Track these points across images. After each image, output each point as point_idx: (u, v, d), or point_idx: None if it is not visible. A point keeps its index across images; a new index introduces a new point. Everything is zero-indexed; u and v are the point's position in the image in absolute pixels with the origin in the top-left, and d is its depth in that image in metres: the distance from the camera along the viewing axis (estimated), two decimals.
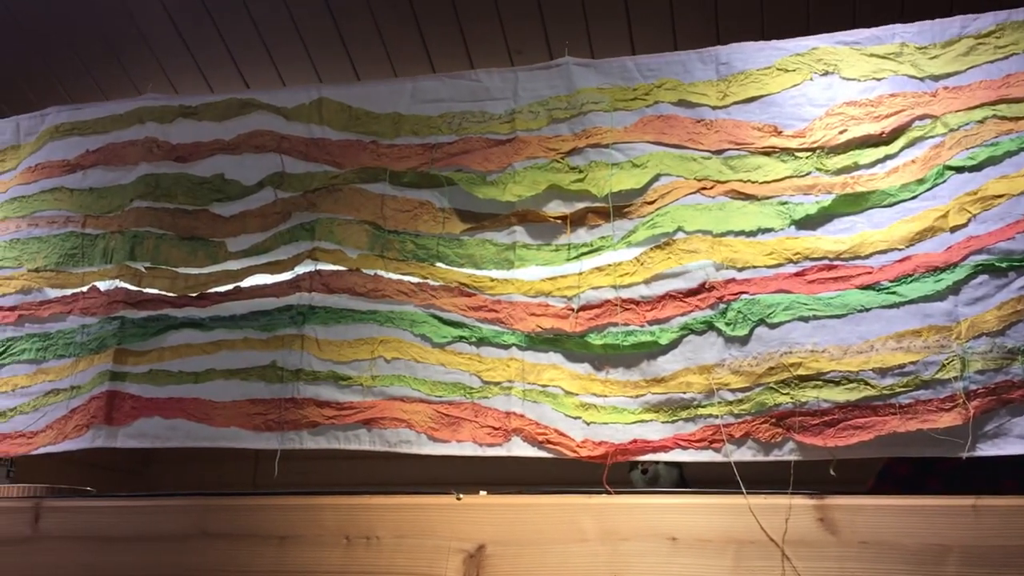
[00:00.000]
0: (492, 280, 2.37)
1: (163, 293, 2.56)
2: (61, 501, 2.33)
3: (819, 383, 2.06)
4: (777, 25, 2.57)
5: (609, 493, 2.11)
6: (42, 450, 2.51)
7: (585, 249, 2.33)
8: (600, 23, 3.79)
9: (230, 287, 2.54)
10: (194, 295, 2.55)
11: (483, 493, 2.20)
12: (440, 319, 2.38)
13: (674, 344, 2.20)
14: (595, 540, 2.04)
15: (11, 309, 2.67)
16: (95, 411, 2.45)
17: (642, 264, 2.26)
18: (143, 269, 2.59)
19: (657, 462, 2.52)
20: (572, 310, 2.29)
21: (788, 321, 2.12)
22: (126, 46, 3.99)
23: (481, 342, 2.33)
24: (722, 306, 2.17)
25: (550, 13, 3.83)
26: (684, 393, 2.16)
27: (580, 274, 2.31)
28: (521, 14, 3.83)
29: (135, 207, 2.64)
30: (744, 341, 2.14)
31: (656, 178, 2.31)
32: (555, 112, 2.45)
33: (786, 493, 1.98)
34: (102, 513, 2.29)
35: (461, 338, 2.35)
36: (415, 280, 2.42)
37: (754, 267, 2.18)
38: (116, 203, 2.67)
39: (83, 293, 2.63)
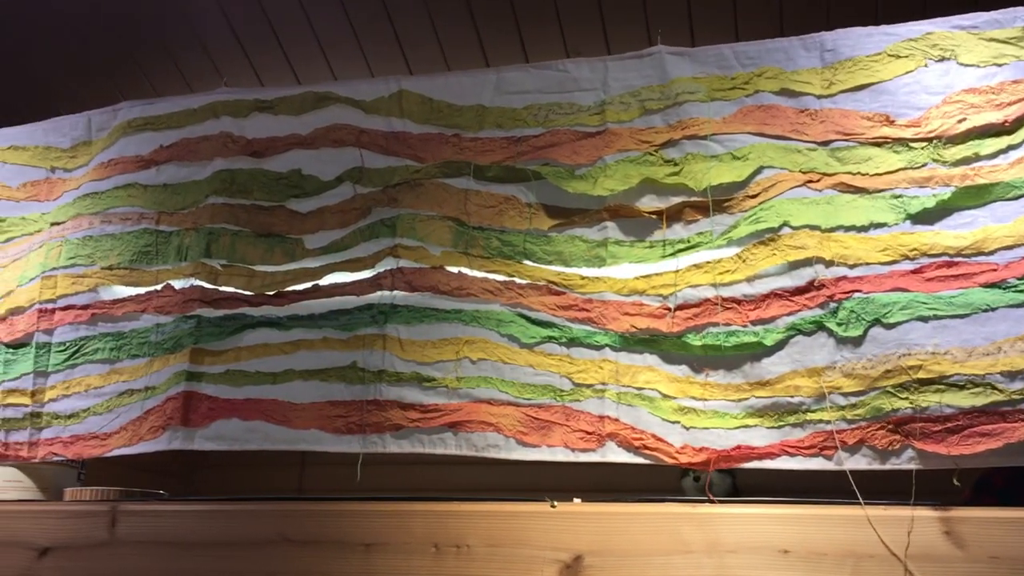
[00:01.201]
0: (582, 278, 2.27)
1: (240, 291, 2.49)
2: (138, 505, 2.26)
3: (941, 387, 1.94)
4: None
5: (711, 502, 1.99)
6: (116, 452, 2.45)
7: (682, 245, 2.22)
8: (661, 26, 3.70)
9: (308, 285, 2.46)
10: (271, 293, 2.47)
11: (577, 500, 2.10)
12: (528, 319, 2.28)
13: (780, 345, 2.08)
14: (700, 551, 1.93)
15: (84, 308, 2.60)
16: (171, 412, 2.39)
17: (744, 261, 2.15)
18: (219, 267, 2.52)
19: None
20: (669, 309, 2.18)
21: (906, 321, 2.00)
22: (183, 51, 3.96)
23: (572, 343, 2.23)
24: (833, 305, 2.05)
25: (609, 16, 3.75)
26: (791, 397, 2.04)
27: (677, 272, 2.20)
28: (579, 16, 3.75)
29: (210, 203, 2.57)
30: (858, 342, 2.02)
31: (758, 171, 2.19)
32: (648, 103, 2.34)
33: (907, 504, 1.86)
34: (181, 517, 2.21)
35: (550, 338, 2.25)
36: (501, 278, 2.32)
37: (867, 264, 2.06)
38: (191, 199, 2.61)
39: (157, 291, 2.56)
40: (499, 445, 2.20)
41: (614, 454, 2.13)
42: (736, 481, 2.54)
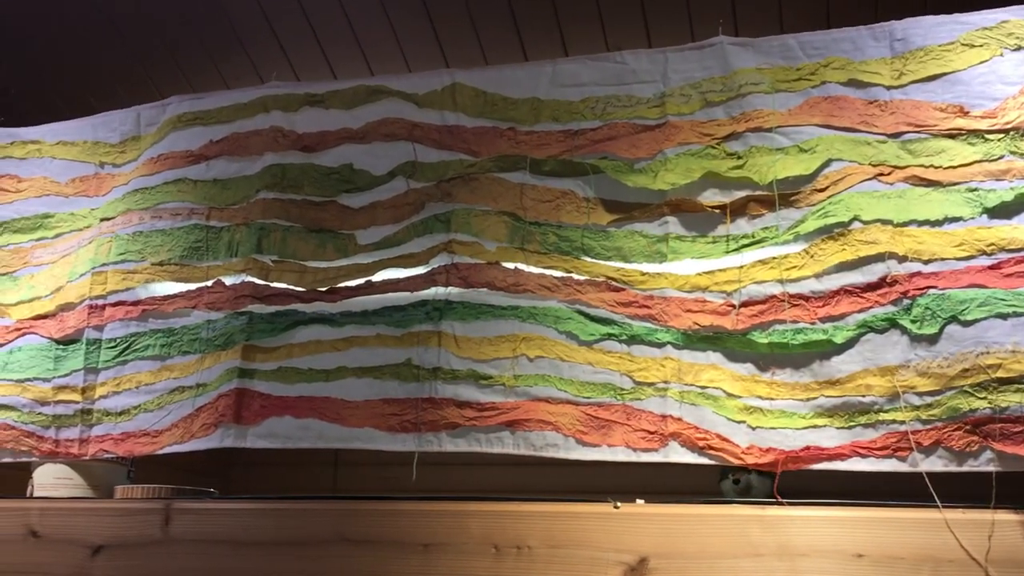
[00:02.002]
0: (643, 274, 2.22)
1: (291, 288, 2.46)
2: (192, 503, 2.23)
3: (1022, 386, 1.87)
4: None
5: (780, 504, 1.94)
6: (168, 449, 2.43)
7: (746, 241, 2.16)
8: (703, 23, 3.65)
9: (361, 281, 2.42)
10: (323, 289, 2.44)
11: (640, 501, 2.05)
12: (587, 315, 2.23)
13: (851, 343, 2.02)
14: (770, 555, 1.87)
15: (135, 304, 2.58)
16: (223, 409, 2.36)
17: (812, 256, 2.09)
18: (271, 262, 2.49)
19: (749, 471, 2.34)
20: (733, 306, 2.12)
21: (984, 318, 1.93)
22: (222, 50, 3.93)
23: (632, 340, 2.18)
24: (906, 302, 1.99)
25: (652, 10, 3.70)
26: (863, 396, 1.98)
27: (741, 267, 2.15)
28: (621, 13, 3.70)
29: (261, 198, 2.54)
30: (933, 340, 1.96)
31: (827, 164, 2.13)
32: (709, 95, 2.29)
33: (988, 507, 1.80)
34: (235, 516, 2.18)
35: (610, 335, 2.20)
36: (558, 274, 2.28)
37: (942, 259, 2.00)
38: (241, 194, 2.58)
39: (208, 287, 2.53)
40: (558, 444, 2.16)
41: (677, 454, 2.08)
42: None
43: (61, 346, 2.61)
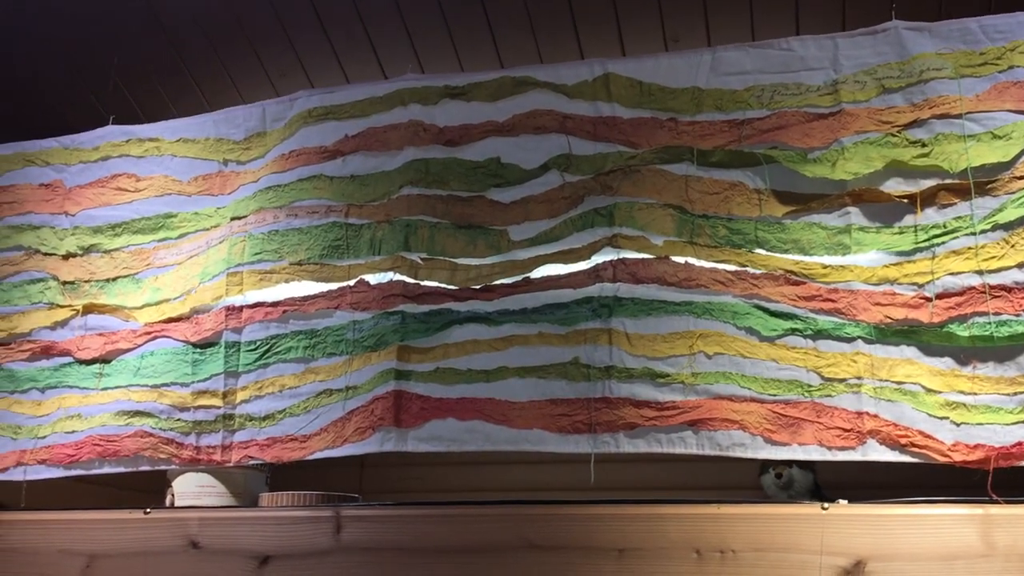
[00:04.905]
0: (824, 267, 2.15)
1: (443, 285, 2.38)
2: (364, 510, 2.15)
3: None
4: None
5: (996, 502, 1.87)
6: (318, 455, 2.35)
7: (937, 231, 2.09)
8: (764, 11, 3.58)
9: (518, 278, 2.34)
10: (477, 287, 2.36)
11: (843, 502, 1.98)
12: (767, 310, 2.16)
13: None
14: (998, 556, 1.81)
15: (274, 305, 2.49)
16: (381, 412, 2.28)
17: (1012, 246, 2.02)
18: (419, 260, 2.40)
19: (791, 464, 2.25)
20: (927, 299, 2.05)
21: None
22: (379, 32, 3.77)
23: (818, 335, 2.11)
24: None
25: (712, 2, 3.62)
26: None
27: (933, 258, 2.08)
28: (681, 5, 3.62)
29: (404, 194, 2.46)
30: None
31: None
32: (886, 81, 2.21)
33: None
34: (411, 522, 2.11)
35: (794, 330, 2.13)
36: (732, 268, 2.21)
37: None
38: (382, 191, 2.49)
39: (350, 287, 2.45)
40: (745, 444, 2.09)
41: (876, 452, 2.01)
42: (817, 478, 2.37)
43: (198, 349, 2.52)
